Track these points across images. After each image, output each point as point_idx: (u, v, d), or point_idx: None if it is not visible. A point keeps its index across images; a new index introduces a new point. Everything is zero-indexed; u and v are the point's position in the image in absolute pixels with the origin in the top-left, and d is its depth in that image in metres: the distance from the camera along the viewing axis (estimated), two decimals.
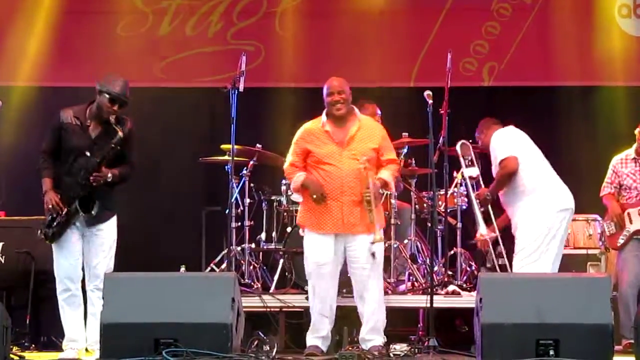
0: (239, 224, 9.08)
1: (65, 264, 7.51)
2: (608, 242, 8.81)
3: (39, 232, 7.56)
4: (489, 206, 8.26)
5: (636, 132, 8.68)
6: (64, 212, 7.46)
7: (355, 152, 7.59)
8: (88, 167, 7.48)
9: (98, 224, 7.55)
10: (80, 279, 7.57)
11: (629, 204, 8.66)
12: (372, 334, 7.63)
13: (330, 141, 7.67)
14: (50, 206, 7.47)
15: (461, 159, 8.40)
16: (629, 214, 8.62)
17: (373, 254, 7.52)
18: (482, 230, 8.12)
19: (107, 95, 7.50)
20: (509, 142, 8.15)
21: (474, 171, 8.27)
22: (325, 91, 7.75)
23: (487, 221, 8.31)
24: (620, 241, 8.61)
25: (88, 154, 7.49)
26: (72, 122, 7.53)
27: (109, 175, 7.47)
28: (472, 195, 8.21)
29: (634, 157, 8.73)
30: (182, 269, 8.93)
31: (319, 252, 7.60)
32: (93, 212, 7.49)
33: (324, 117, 7.76)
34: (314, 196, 7.55)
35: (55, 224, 7.49)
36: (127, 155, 7.61)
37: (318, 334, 7.67)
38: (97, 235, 7.54)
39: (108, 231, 7.59)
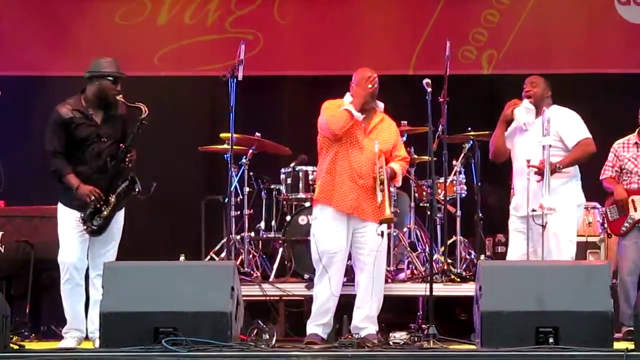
0: (238, 212, 9.08)
1: (72, 254, 7.49)
2: (610, 228, 8.78)
3: (85, 228, 7.49)
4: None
5: None
6: (112, 200, 7.45)
7: (378, 138, 7.67)
8: (115, 152, 7.49)
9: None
10: (85, 269, 7.57)
11: (632, 189, 8.63)
12: (366, 322, 7.65)
13: (357, 126, 7.70)
14: (92, 198, 7.43)
15: (546, 124, 8.07)
16: (633, 200, 8.60)
17: (382, 234, 7.57)
18: (546, 201, 7.94)
19: (110, 78, 7.51)
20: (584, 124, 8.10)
21: (548, 140, 8.09)
22: (365, 79, 7.74)
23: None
24: (624, 228, 8.59)
25: (105, 140, 7.50)
26: (74, 115, 7.50)
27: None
28: (547, 163, 7.99)
29: (635, 142, 8.71)
30: (182, 257, 8.94)
31: (337, 233, 7.61)
32: (138, 190, 7.50)
33: (350, 100, 7.77)
34: (369, 86, 7.65)
35: (102, 215, 7.45)
36: (126, 136, 7.62)
37: (320, 322, 7.69)
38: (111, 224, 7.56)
39: (119, 219, 7.60)
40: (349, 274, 7.94)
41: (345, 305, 8.03)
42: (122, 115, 7.62)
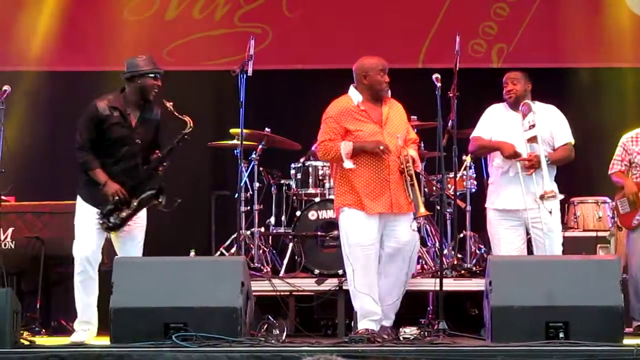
0: (248, 208, 9.07)
1: (87, 248, 7.49)
2: (621, 221, 8.74)
3: (101, 222, 7.51)
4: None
5: None
6: (134, 204, 7.46)
7: (393, 131, 7.55)
8: (147, 155, 7.51)
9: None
10: (99, 263, 7.58)
11: None
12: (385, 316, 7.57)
13: (369, 120, 7.54)
14: (117, 198, 7.44)
15: (532, 116, 7.97)
16: None
17: (419, 229, 7.52)
18: (548, 186, 7.92)
19: (151, 75, 7.53)
20: None
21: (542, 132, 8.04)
22: (372, 68, 7.57)
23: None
24: (635, 222, 8.55)
25: (138, 141, 7.50)
26: (111, 113, 7.51)
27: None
28: (543, 153, 7.93)
29: None
30: (192, 253, 8.94)
31: (365, 233, 7.42)
32: (162, 201, 7.49)
33: (357, 95, 7.59)
34: (381, 148, 7.40)
35: (121, 215, 7.47)
36: (159, 141, 7.64)
37: (373, 318, 7.45)
38: (131, 224, 7.56)
39: (142, 219, 7.62)
40: None
41: None
42: (157, 119, 7.61)
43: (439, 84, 7.94)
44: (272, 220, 9.24)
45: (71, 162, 7.79)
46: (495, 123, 8.13)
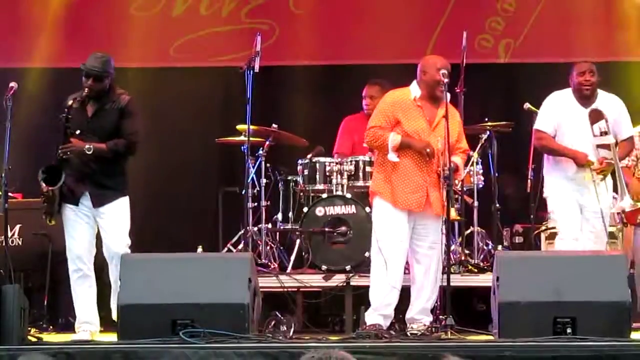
0: (256, 204, 9.07)
1: (74, 244, 7.53)
2: (626, 217, 8.72)
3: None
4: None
5: None
6: (49, 192, 7.51)
7: (442, 134, 7.52)
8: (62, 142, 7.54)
9: (102, 205, 7.53)
10: (92, 260, 7.57)
11: None
12: (421, 314, 7.57)
13: (422, 117, 7.56)
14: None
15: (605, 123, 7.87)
16: None
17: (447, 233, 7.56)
18: (626, 202, 7.95)
19: (83, 71, 7.55)
20: None
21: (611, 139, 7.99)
22: (431, 66, 7.61)
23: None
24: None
25: (78, 132, 7.52)
26: (72, 104, 7.56)
27: (87, 147, 7.45)
28: (617, 164, 7.89)
29: None
30: (199, 249, 8.94)
31: (397, 228, 7.47)
32: (59, 184, 7.46)
33: (416, 90, 7.61)
34: (427, 150, 7.43)
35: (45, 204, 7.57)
36: (122, 128, 7.57)
37: (382, 312, 7.48)
38: (102, 216, 7.54)
39: (113, 212, 7.53)
40: (367, 266, 7.90)
41: (363, 297, 8.01)
42: (121, 107, 7.58)
43: (446, 80, 7.91)
44: (280, 216, 9.24)
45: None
46: (562, 115, 7.98)
